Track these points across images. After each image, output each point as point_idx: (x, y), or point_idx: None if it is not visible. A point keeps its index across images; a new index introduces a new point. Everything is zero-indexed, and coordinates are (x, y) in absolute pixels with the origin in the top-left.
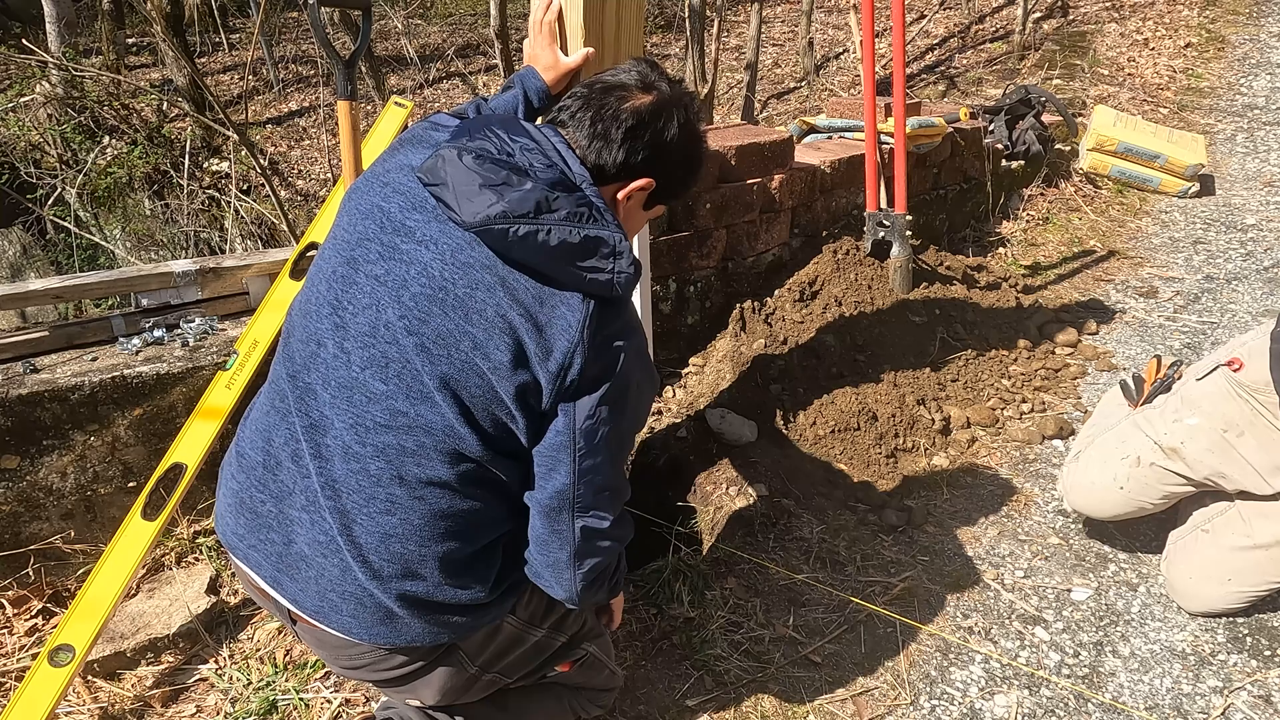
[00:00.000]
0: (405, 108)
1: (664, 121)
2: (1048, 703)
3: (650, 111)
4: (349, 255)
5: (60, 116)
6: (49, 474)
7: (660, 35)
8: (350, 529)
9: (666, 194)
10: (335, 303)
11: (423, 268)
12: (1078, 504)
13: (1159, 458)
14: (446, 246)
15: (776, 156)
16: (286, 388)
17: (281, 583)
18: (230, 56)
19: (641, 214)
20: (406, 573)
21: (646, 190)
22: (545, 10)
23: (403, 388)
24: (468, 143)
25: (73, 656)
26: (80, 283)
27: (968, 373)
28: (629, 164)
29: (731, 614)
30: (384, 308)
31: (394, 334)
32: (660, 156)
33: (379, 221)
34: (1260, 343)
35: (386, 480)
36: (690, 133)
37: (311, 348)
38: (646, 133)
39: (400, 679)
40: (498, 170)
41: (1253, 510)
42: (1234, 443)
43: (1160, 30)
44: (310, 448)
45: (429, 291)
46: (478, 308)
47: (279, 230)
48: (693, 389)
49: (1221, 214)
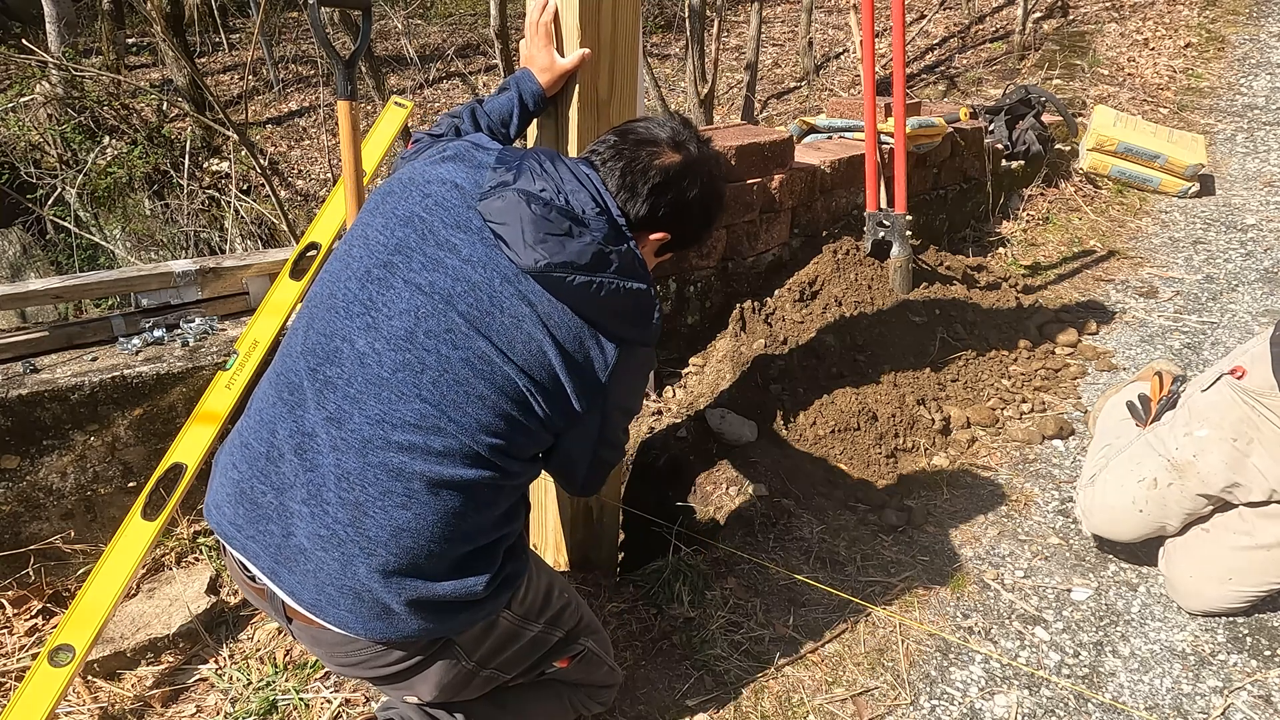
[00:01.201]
0: (405, 108)
1: (689, 182)
2: (1048, 703)
3: (678, 171)
4: (385, 259)
5: (60, 116)
6: (49, 474)
7: (660, 35)
8: (362, 521)
9: (679, 245)
10: (369, 302)
11: (471, 286)
12: (1098, 529)
13: (1174, 476)
14: (495, 273)
15: (776, 156)
16: (304, 381)
17: (279, 574)
18: (230, 56)
19: (652, 259)
20: (412, 568)
21: (662, 242)
22: (541, 11)
23: (437, 394)
24: (519, 181)
25: (73, 656)
26: (80, 283)
27: (968, 373)
28: (651, 218)
29: (731, 614)
30: (425, 317)
31: (435, 343)
32: (680, 214)
33: (420, 232)
34: (1261, 348)
35: (407, 475)
36: (712, 192)
37: (335, 343)
38: (670, 191)
39: (397, 675)
40: (562, 221)
41: (1254, 510)
42: (1245, 451)
43: (1160, 30)
44: (327, 440)
45: (476, 312)
46: (522, 338)
47: (279, 230)
48: (693, 389)
49: (1221, 214)
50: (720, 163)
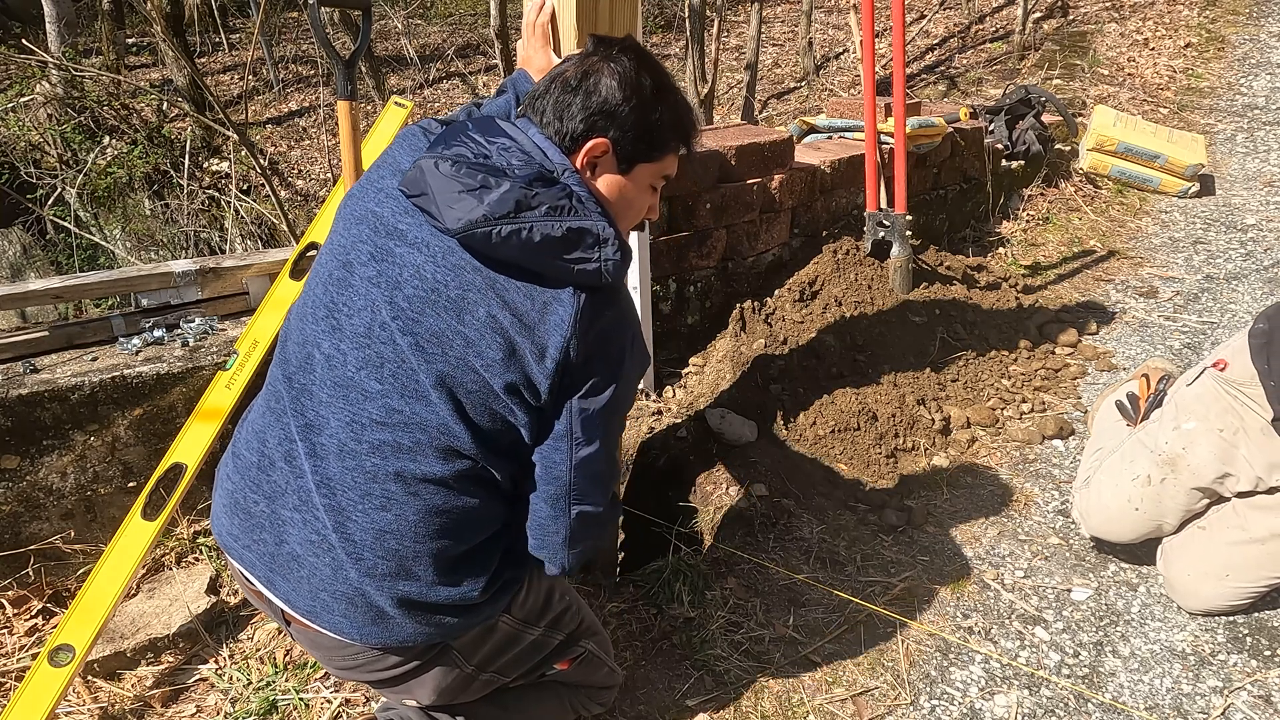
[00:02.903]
0: (405, 108)
1: (595, 80)
2: (1048, 703)
3: (582, 73)
4: (344, 259)
5: (60, 116)
6: (49, 474)
7: (660, 35)
8: (345, 526)
9: (635, 147)
10: (330, 305)
11: (415, 270)
12: (1096, 530)
13: (1167, 471)
14: (438, 249)
15: (776, 156)
16: (282, 389)
17: (274, 583)
18: (230, 56)
19: (626, 184)
20: (400, 570)
21: (604, 152)
22: (538, 12)
23: (398, 386)
24: (444, 150)
25: (73, 656)
26: (80, 283)
27: (968, 373)
28: (573, 133)
29: (731, 614)
30: (379, 309)
31: (389, 334)
32: (606, 112)
33: (372, 226)
34: (1241, 341)
35: (382, 476)
36: (627, 81)
37: (308, 350)
38: (579, 95)
39: (395, 679)
40: (474, 174)
41: (1246, 504)
42: (1233, 441)
43: (1160, 30)
44: (305, 447)
45: (422, 293)
46: (469, 309)
47: (279, 230)
48: (693, 389)
49: (1221, 214)
50: (632, 51)
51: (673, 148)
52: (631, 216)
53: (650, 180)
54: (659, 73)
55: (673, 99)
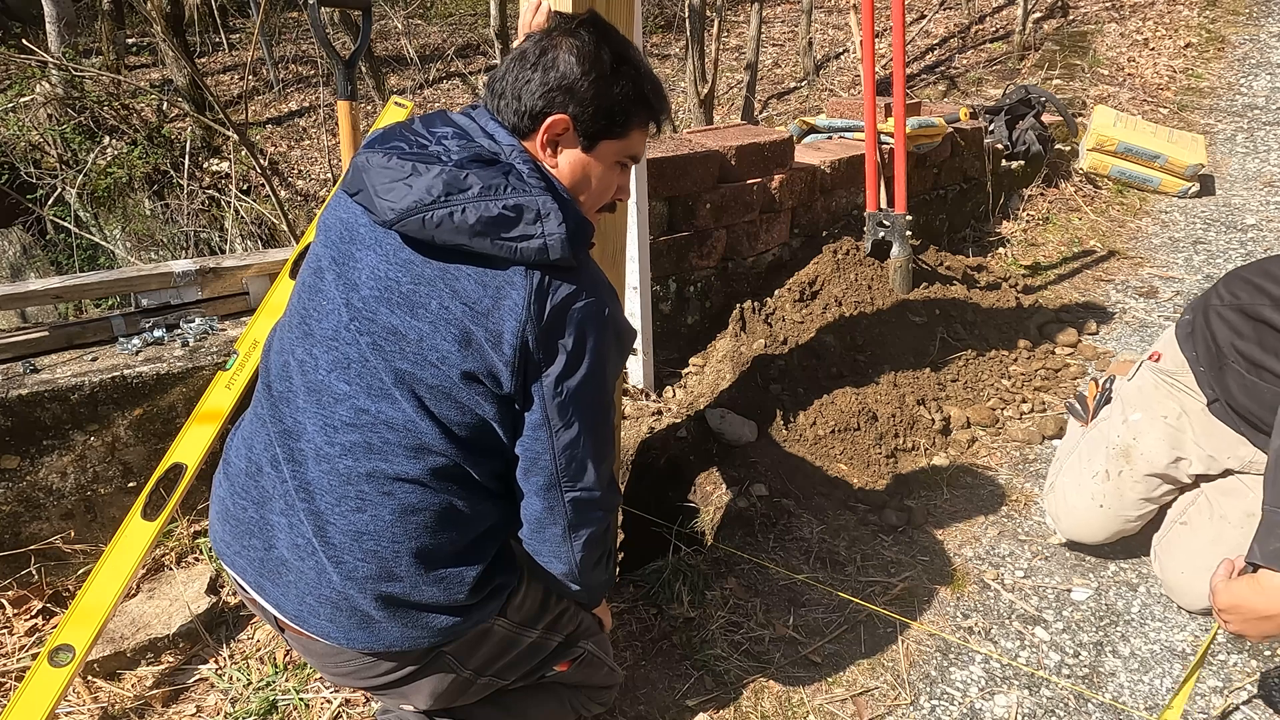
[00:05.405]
0: (405, 108)
1: (551, 55)
2: (1048, 703)
3: (538, 51)
4: (316, 266)
5: (60, 116)
6: (49, 474)
7: (660, 35)
8: (325, 530)
9: (596, 123)
10: (303, 312)
11: (370, 269)
12: (1068, 532)
13: (1123, 464)
14: (389, 246)
15: (776, 156)
16: (264, 397)
17: (264, 588)
18: (230, 56)
19: (590, 162)
20: (383, 572)
21: (564, 129)
22: (534, 13)
23: (364, 386)
24: (381, 145)
25: (73, 656)
26: (80, 283)
27: (968, 373)
28: (532, 110)
29: (731, 614)
30: (341, 311)
31: (352, 335)
32: (559, 89)
33: (338, 232)
34: (1170, 332)
35: (355, 478)
36: (585, 55)
37: (284, 357)
38: (536, 71)
39: (390, 684)
40: (405, 164)
41: (1216, 490)
42: (1178, 425)
43: (1160, 30)
44: (285, 453)
45: (376, 292)
46: (421, 302)
47: (279, 230)
48: (693, 389)
49: (1221, 214)
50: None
51: (638, 123)
52: (597, 195)
53: (616, 157)
54: (621, 45)
55: (634, 73)
